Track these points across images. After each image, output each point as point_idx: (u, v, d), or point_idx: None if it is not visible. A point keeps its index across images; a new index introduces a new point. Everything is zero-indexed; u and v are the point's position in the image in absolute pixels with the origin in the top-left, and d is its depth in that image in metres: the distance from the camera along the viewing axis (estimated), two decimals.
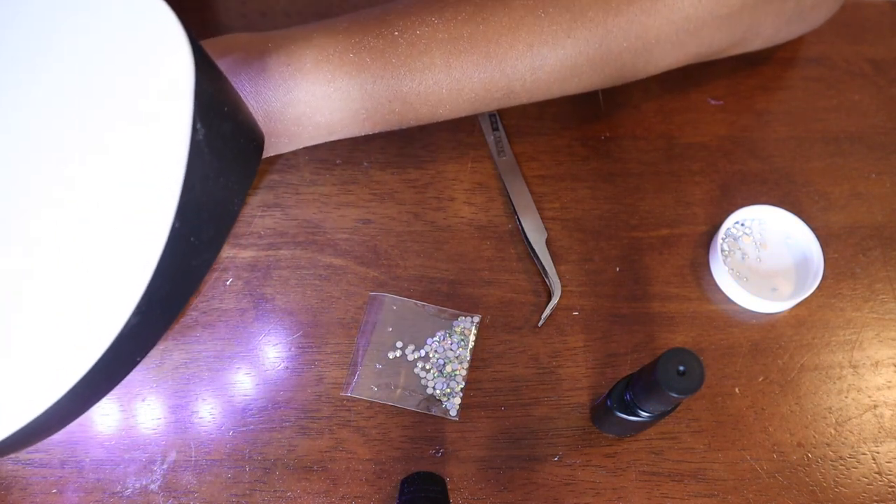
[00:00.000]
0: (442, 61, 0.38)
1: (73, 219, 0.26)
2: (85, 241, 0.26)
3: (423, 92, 0.39)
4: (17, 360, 0.26)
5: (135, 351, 0.29)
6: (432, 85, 0.39)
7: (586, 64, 0.40)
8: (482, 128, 0.49)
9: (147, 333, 0.28)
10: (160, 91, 0.27)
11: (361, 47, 0.37)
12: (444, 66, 0.38)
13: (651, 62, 0.42)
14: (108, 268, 0.26)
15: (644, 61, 0.42)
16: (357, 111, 0.38)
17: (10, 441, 0.26)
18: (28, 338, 0.26)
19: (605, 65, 0.41)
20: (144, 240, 0.26)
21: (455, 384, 0.41)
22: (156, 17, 0.27)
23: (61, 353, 0.26)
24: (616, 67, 0.41)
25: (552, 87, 0.41)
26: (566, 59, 0.40)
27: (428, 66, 0.38)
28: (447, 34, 0.38)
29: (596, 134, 0.50)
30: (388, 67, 0.38)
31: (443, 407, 0.41)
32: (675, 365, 0.31)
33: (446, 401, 0.41)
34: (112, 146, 0.26)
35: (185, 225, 0.26)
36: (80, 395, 0.27)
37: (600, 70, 0.41)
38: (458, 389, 0.41)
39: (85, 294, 0.26)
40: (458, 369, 0.41)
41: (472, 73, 0.39)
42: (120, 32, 0.27)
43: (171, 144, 0.26)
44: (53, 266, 0.26)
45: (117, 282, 0.26)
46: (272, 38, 0.38)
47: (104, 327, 0.26)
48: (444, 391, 0.41)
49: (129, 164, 0.26)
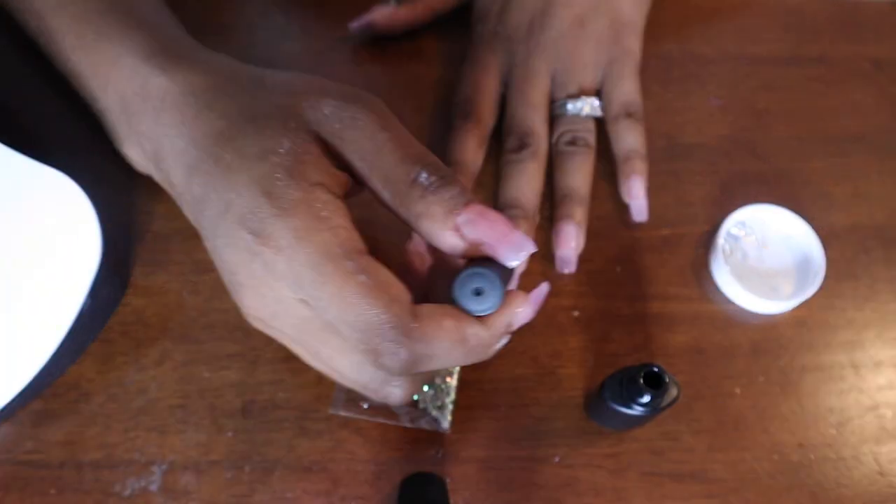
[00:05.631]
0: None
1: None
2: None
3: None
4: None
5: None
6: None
7: None
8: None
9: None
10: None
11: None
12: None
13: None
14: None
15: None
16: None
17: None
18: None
19: None
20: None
21: (444, 395, 0.41)
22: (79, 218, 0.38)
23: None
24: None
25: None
26: None
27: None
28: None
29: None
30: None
31: (434, 419, 0.40)
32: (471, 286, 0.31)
33: (437, 413, 0.40)
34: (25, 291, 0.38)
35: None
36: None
37: None
38: (449, 401, 0.41)
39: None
40: (448, 380, 0.41)
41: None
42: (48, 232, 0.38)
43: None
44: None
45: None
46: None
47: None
48: (436, 404, 0.41)
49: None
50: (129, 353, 0.41)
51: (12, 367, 0.37)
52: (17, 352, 0.38)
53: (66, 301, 0.38)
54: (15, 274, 0.38)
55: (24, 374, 0.37)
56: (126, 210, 0.44)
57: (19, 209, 0.38)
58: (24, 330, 0.38)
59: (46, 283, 0.38)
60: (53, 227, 0.38)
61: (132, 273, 0.43)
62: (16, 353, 0.38)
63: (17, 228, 0.38)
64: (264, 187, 0.30)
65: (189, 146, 0.33)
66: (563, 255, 0.44)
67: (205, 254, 0.44)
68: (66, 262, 0.38)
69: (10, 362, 0.37)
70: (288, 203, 0.30)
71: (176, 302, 0.42)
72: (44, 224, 0.38)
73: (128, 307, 0.42)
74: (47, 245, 0.38)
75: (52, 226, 0.38)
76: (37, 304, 0.38)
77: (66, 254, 0.38)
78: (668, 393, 0.36)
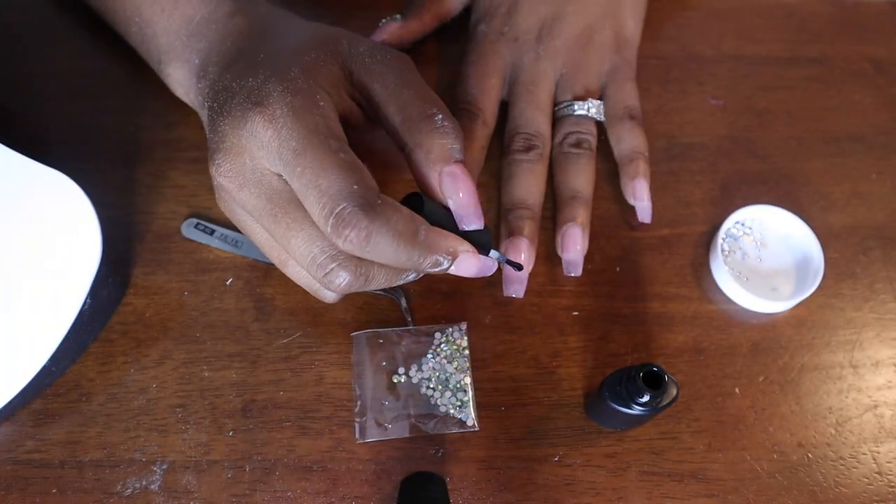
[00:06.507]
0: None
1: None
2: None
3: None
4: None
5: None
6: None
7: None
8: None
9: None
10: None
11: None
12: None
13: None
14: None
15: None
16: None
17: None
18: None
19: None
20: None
21: (463, 394, 0.41)
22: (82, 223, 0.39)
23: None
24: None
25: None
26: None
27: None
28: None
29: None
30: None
31: (459, 420, 0.40)
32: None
33: (461, 414, 0.40)
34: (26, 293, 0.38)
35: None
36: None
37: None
38: (468, 399, 0.41)
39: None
40: (463, 378, 0.41)
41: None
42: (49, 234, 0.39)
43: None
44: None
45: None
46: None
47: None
48: (455, 404, 0.41)
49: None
50: (129, 353, 0.41)
51: (13, 366, 0.37)
52: (17, 351, 0.38)
53: (66, 301, 0.38)
54: (15, 274, 0.38)
55: (24, 373, 0.37)
56: (126, 210, 0.44)
57: (20, 209, 0.38)
58: (24, 330, 0.38)
59: (47, 283, 0.38)
60: (54, 227, 0.38)
61: (132, 273, 0.43)
62: (16, 353, 0.38)
63: (18, 228, 0.38)
64: (279, 75, 0.35)
65: (234, 53, 0.39)
66: (571, 259, 0.44)
67: (205, 254, 0.44)
68: (67, 262, 0.38)
69: (11, 362, 0.37)
70: (293, 87, 0.34)
71: (176, 302, 0.42)
72: (44, 224, 0.38)
73: (128, 307, 0.42)
74: (48, 245, 0.38)
75: (53, 226, 0.38)
76: (37, 304, 0.38)
77: (67, 254, 0.38)
78: (667, 392, 0.36)
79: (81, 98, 0.48)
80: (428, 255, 0.34)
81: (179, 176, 0.45)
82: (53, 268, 0.38)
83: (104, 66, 0.49)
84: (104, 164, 0.46)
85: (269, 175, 0.34)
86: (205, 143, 0.37)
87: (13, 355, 0.38)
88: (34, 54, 0.49)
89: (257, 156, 0.34)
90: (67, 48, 0.49)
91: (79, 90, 0.48)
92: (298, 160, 0.33)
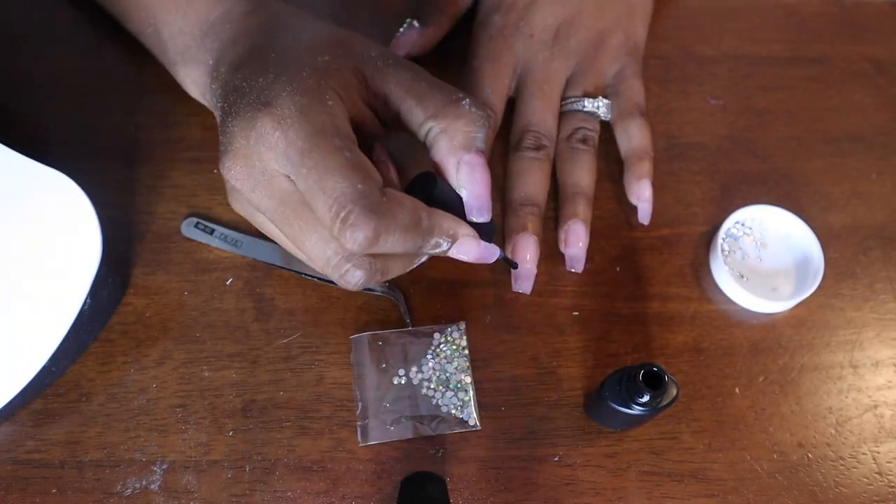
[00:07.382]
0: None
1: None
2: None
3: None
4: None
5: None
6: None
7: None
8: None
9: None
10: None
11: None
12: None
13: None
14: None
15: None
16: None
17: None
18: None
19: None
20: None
21: (464, 394, 0.41)
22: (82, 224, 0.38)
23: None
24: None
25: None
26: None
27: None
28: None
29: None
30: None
31: (461, 420, 0.40)
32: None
33: (462, 413, 0.40)
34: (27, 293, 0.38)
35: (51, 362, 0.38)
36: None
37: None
38: (469, 399, 0.41)
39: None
40: (463, 378, 0.41)
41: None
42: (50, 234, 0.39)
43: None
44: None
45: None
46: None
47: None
48: (457, 404, 0.41)
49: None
50: (129, 353, 0.41)
51: (13, 366, 0.37)
52: (17, 351, 0.38)
53: (66, 301, 0.38)
54: (15, 274, 0.38)
55: (24, 373, 0.37)
56: (126, 210, 0.44)
57: (20, 209, 0.38)
58: (24, 330, 0.38)
59: (47, 282, 0.38)
60: (54, 227, 0.38)
61: (132, 273, 0.43)
62: (16, 353, 0.38)
63: (18, 228, 0.38)
64: (288, 74, 0.35)
65: (246, 52, 0.38)
66: (573, 254, 0.44)
67: (205, 253, 0.44)
68: (67, 262, 0.38)
69: (11, 362, 0.37)
70: (302, 86, 0.34)
71: (176, 302, 0.42)
72: (44, 224, 0.38)
73: (128, 307, 0.42)
74: (48, 245, 0.38)
75: (53, 226, 0.38)
76: (37, 304, 0.38)
77: (67, 254, 0.38)
78: (667, 392, 0.36)
79: (81, 98, 0.48)
80: (430, 237, 0.35)
81: (179, 176, 0.45)
82: (53, 268, 0.38)
83: (104, 66, 0.49)
84: (104, 164, 0.46)
85: (279, 177, 0.34)
86: (205, 143, 0.37)
87: (13, 355, 0.38)
88: (34, 54, 0.49)
89: (266, 157, 0.34)
90: (67, 48, 0.49)
91: (79, 90, 0.48)
92: (304, 161, 0.33)
